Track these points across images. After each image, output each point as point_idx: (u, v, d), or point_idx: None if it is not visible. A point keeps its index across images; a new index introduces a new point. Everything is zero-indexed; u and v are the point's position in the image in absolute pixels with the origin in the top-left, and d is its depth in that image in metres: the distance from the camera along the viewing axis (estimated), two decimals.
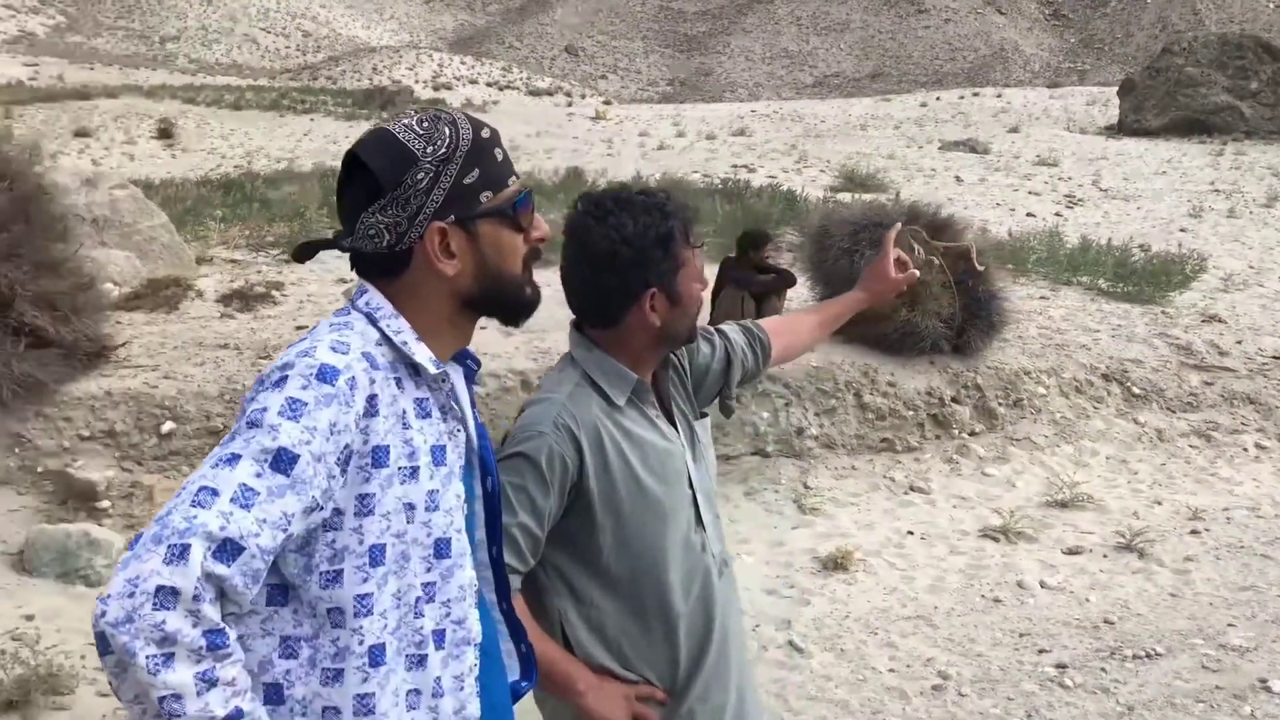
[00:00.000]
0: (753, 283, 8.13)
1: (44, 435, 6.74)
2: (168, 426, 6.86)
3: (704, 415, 2.26)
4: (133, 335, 7.86)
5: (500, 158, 1.59)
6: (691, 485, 2.09)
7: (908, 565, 6.20)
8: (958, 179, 25.01)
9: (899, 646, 5.07)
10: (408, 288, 1.53)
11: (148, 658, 1.19)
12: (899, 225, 2.58)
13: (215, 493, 1.27)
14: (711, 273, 9.82)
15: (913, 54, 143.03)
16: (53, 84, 64.59)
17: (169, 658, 1.21)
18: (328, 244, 1.56)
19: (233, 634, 1.28)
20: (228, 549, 1.25)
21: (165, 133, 35.77)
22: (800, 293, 9.38)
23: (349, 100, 48.99)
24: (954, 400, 8.33)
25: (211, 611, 1.24)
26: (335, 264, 10.73)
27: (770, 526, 6.92)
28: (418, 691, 1.47)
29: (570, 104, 61.86)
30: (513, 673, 1.81)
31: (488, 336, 7.99)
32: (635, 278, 2.00)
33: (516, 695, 1.82)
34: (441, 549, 1.50)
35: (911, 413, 8.18)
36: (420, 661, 1.47)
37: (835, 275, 8.68)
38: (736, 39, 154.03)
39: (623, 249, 1.98)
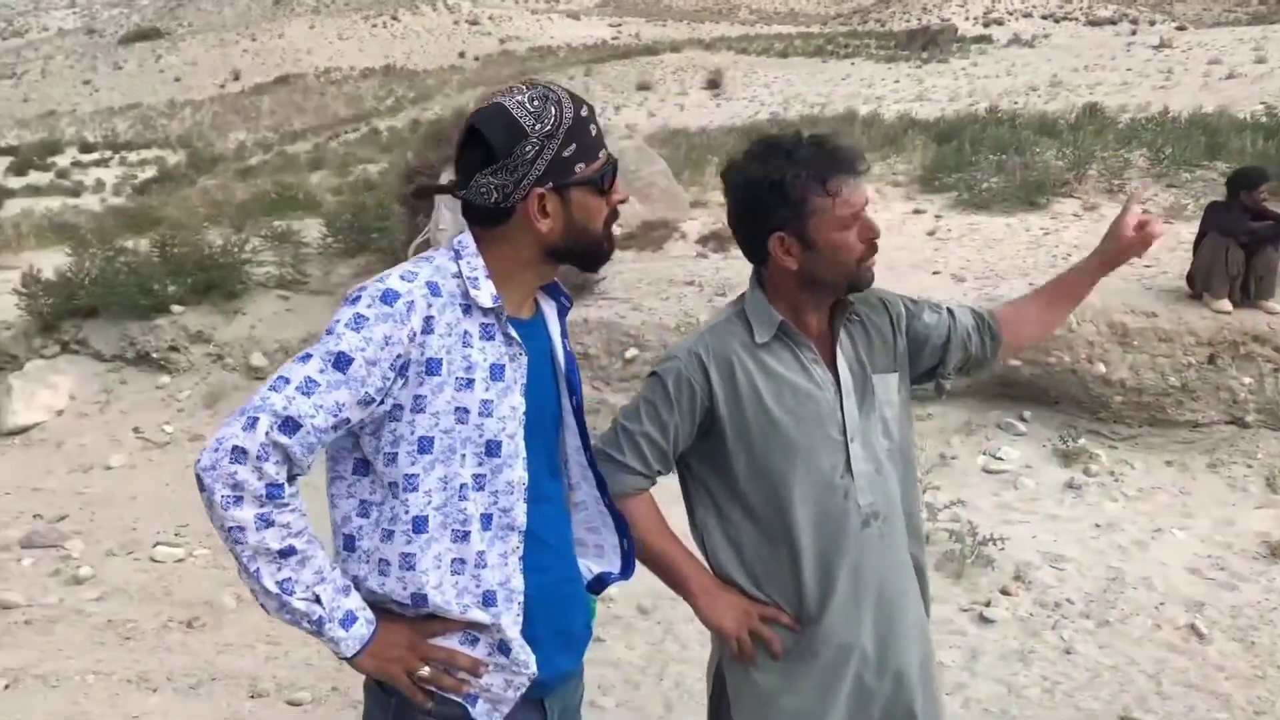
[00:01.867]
0: (1241, 230, 7.19)
1: None
2: (631, 352, 7.69)
3: (893, 371, 2.24)
4: (617, 271, 8.84)
5: (594, 133, 1.82)
6: (845, 433, 2.14)
7: None
8: None
9: None
10: (504, 236, 1.82)
11: (222, 497, 1.62)
12: (1145, 182, 2.36)
13: (287, 381, 1.66)
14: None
15: None
16: (630, 42, 71.59)
17: (239, 499, 1.62)
18: (442, 189, 1.88)
19: (290, 489, 1.66)
20: (289, 425, 1.63)
21: (713, 83, 38.30)
22: None
23: (891, 42, 48.91)
24: None
25: (273, 470, 1.63)
26: None
27: (1227, 504, 6.23)
28: (462, 560, 1.77)
29: (1133, 32, 56.64)
30: (612, 565, 2.06)
31: (932, 280, 7.92)
32: (756, 222, 2.12)
33: (604, 584, 2.06)
34: (492, 449, 1.78)
35: None
36: (464, 537, 1.77)
37: None
38: None
39: (739, 193, 2.12)
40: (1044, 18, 71.91)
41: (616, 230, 2.02)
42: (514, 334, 1.79)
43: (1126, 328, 7.17)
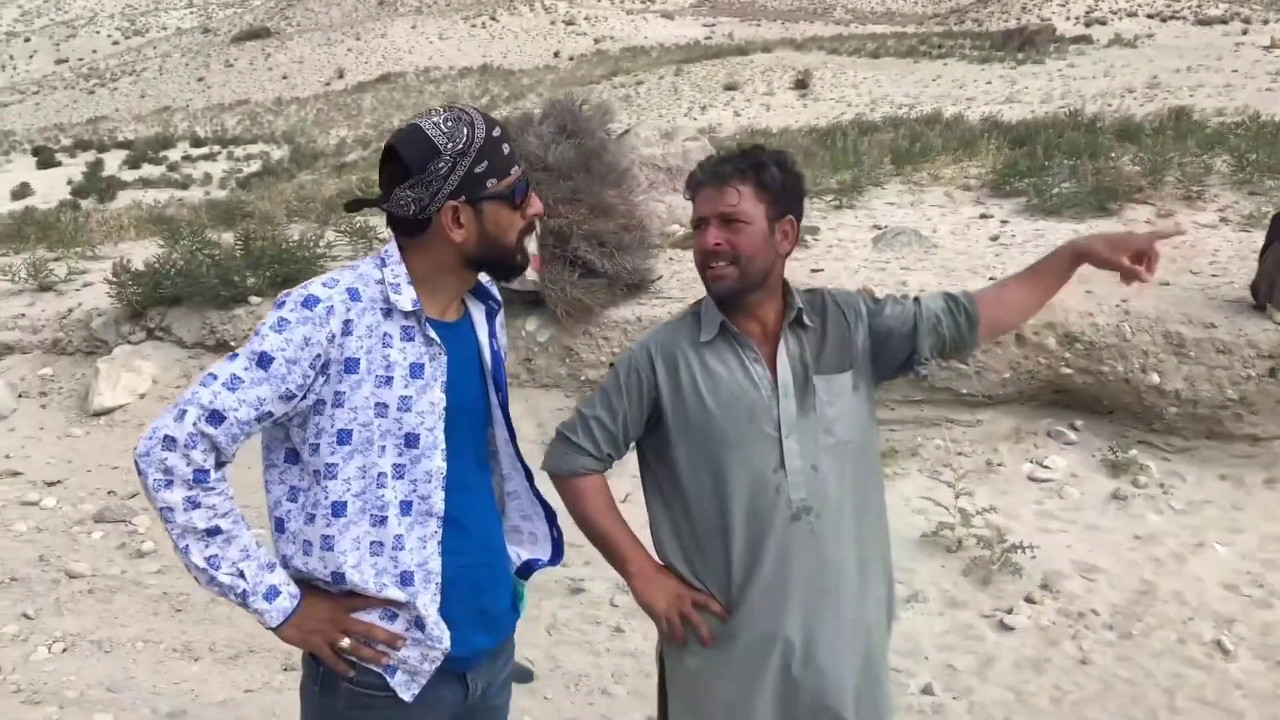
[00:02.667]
0: None
1: (587, 350, 8.05)
2: None
3: (844, 371, 2.31)
4: (675, 271, 8.95)
5: (506, 151, 1.96)
6: (780, 429, 2.23)
7: None
8: None
9: None
10: (424, 244, 1.96)
11: (154, 480, 1.80)
12: (1179, 222, 2.38)
13: (215, 377, 1.83)
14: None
15: None
16: (723, 42, 71.56)
17: (169, 483, 1.80)
18: (371, 203, 2.02)
19: (216, 475, 1.83)
20: (215, 417, 1.80)
21: (801, 84, 38.16)
22: None
23: (986, 43, 48.12)
24: None
25: (199, 457, 1.80)
26: (873, 212, 11.09)
27: (1278, 520, 6.10)
28: (380, 543, 1.92)
29: (1244, 31, 54.78)
30: (544, 551, 2.22)
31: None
32: None
33: (531, 570, 2.21)
34: (411, 440, 1.93)
35: None
36: (382, 521, 1.92)
37: None
38: None
39: None
40: (1149, 16, 69.82)
41: (677, 230, 2.16)
42: (433, 335, 1.94)
43: (1183, 338, 7.05)
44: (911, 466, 7.06)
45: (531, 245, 7.64)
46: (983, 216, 10.66)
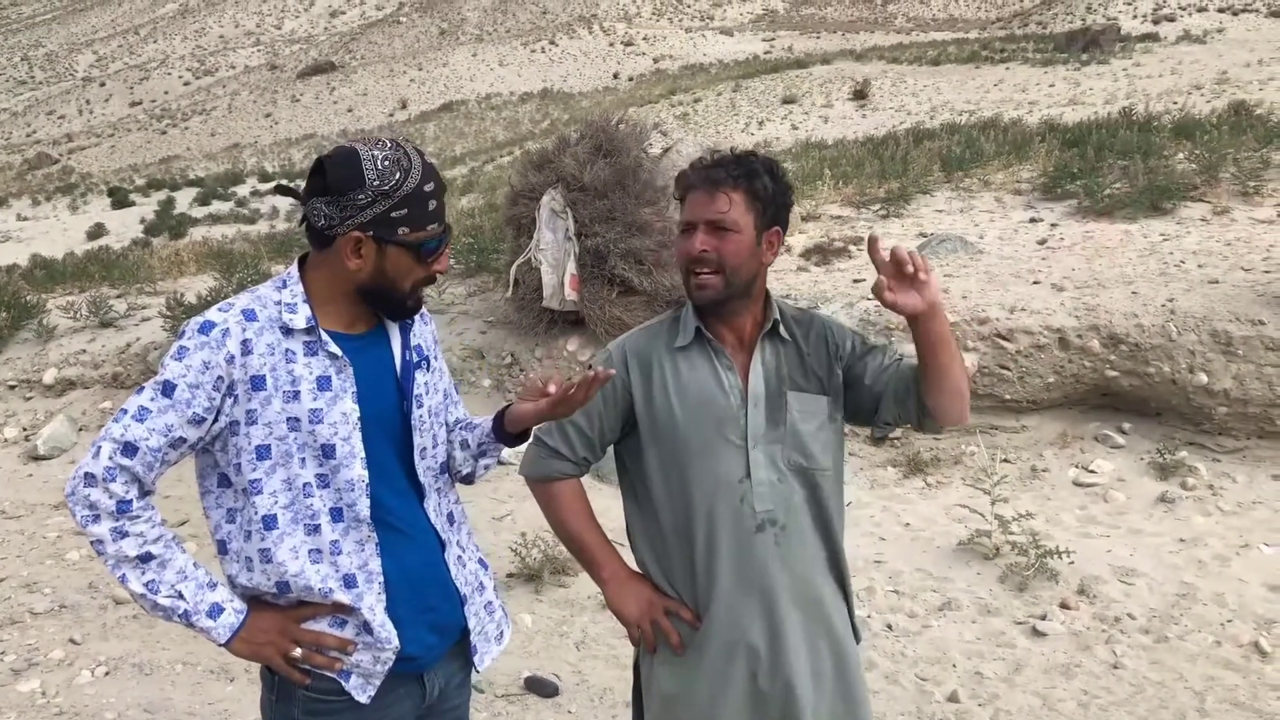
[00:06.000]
0: None
1: None
2: None
3: (821, 395, 2.27)
4: None
5: (431, 208, 1.98)
6: (747, 439, 2.21)
7: None
8: None
9: None
10: (326, 261, 2.01)
11: (82, 516, 1.88)
12: (871, 235, 2.16)
13: (126, 412, 1.90)
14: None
15: None
16: (782, 55, 71.41)
17: (96, 517, 1.87)
18: (295, 194, 2.07)
19: (139, 504, 1.89)
20: (129, 449, 1.87)
21: (860, 94, 37.88)
22: None
23: (1049, 45, 47.38)
24: None
25: (120, 488, 1.87)
26: (920, 220, 10.98)
27: None
28: (318, 550, 1.97)
29: None
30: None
31: (1030, 291, 7.76)
32: None
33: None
34: (328, 451, 1.97)
35: None
36: (315, 529, 1.97)
37: None
38: None
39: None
40: (1221, 11, 68.11)
41: None
42: (335, 349, 1.98)
43: (1230, 336, 6.88)
44: (954, 475, 6.97)
45: (570, 265, 7.63)
46: (1032, 220, 10.51)
